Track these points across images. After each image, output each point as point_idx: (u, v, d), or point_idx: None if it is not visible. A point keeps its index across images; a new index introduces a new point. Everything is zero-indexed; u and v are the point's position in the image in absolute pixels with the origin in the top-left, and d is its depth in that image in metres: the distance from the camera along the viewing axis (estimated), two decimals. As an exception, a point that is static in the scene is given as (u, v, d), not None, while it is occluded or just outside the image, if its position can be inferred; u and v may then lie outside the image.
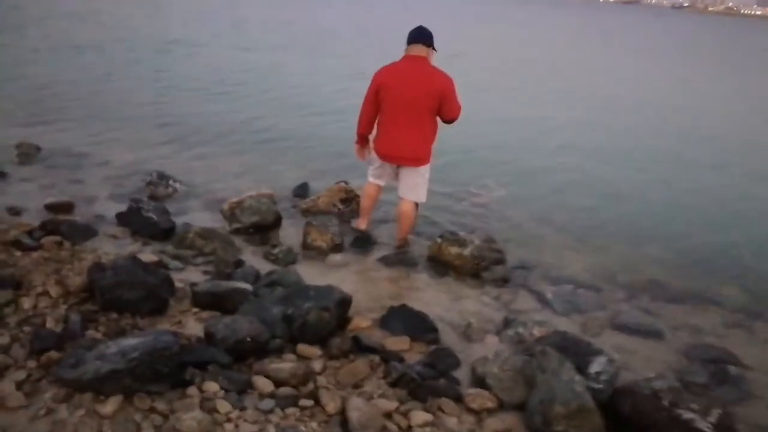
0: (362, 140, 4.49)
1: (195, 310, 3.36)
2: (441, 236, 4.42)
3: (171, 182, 5.26)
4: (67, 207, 4.64)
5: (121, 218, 4.43)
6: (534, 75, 16.45)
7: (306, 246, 4.41)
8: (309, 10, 29.96)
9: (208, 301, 3.39)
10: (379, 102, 4.18)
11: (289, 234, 4.60)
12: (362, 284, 4.00)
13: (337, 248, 4.39)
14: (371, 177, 4.54)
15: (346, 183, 5.29)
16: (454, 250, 4.32)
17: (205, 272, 3.87)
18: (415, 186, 4.40)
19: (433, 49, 4.19)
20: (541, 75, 16.60)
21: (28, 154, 5.76)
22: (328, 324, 3.14)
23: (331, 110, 9.07)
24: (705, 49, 36.21)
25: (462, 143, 8.19)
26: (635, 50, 28.79)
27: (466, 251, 4.30)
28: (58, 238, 4.03)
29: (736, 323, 4.02)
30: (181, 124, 7.64)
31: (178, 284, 3.56)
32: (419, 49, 4.15)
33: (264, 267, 4.01)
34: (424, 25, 4.23)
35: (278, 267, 4.05)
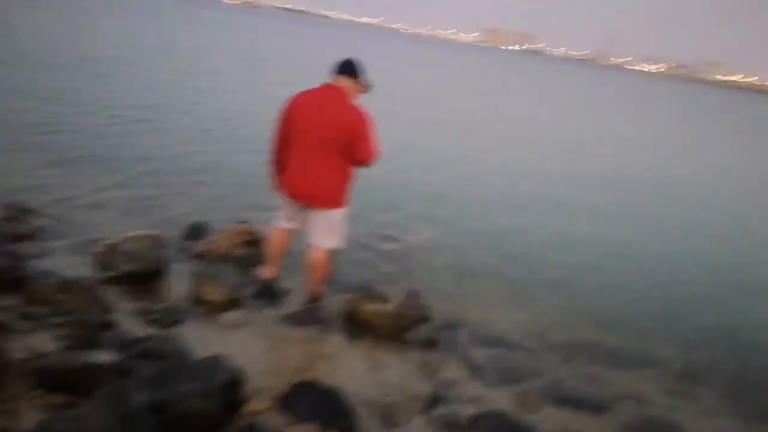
0: (271, 171, 3.85)
1: (40, 392, 2.55)
2: (358, 290, 3.83)
3: (34, 218, 4.32)
4: None
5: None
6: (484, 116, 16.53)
7: (196, 300, 3.66)
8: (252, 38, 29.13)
9: (55, 380, 2.59)
10: (288, 135, 3.59)
11: (177, 285, 3.82)
12: (262, 351, 3.32)
13: (234, 303, 3.67)
14: (278, 220, 3.89)
15: (247, 224, 4.59)
16: (373, 307, 3.74)
17: (61, 338, 3.02)
18: (326, 231, 3.78)
19: (361, 83, 3.66)
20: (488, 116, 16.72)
21: None
22: (212, 413, 2.43)
23: (247, 139, 8.31)
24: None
25: (386, 178, 7.79)
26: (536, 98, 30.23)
27: (388, 309, 3.73)
28: None
29: (680, 390, 3.70)
30: (68, 150, 6.58)
31: (20, 355, 2.72)
32: (340, 80, 3.60)
33: (140, 329, 3.23)
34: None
35: (158, 329, 3.28)
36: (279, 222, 3.87)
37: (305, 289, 4.01)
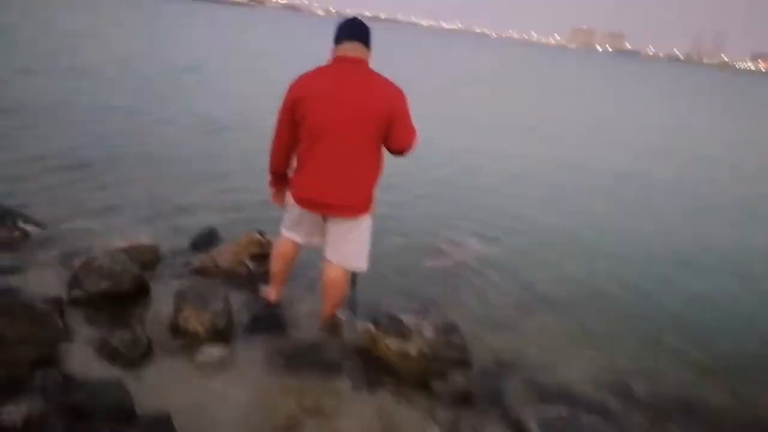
0: (278, 180, 3.05)
1: None
2: (376, 322, 2.98)
3: (19, 223, 3.82)
4: None
5: None
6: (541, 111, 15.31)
7: (174, 330, 2.95)
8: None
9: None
10: (297, 125, 2.76)
11: (157, 310, 3.14)
12: (243, 403, 2.54)
13: (218, 335, 2.92)
14: (286, 230, 3.10)
15: (261, 233, 3.86)
16: (394, 344, 2.88)
17: (-17, 378, 2.39)
18: (351, 245, 2.96)
19: (369, 51, 2.82)
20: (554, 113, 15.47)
21: None
22: None
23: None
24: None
25: (432, 175, 6.90)
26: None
27: (412, 348, 2.85)
28: None
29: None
30: (82, 150, 6.18)
31: None
32: (357, 49, 2.74)
33: (87, 369, 2.56)
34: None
35: (115, 367, 2.60)
36: (287, 231, 3.09)
37: (316, 316, 3.22)
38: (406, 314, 3.01)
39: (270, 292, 3.36)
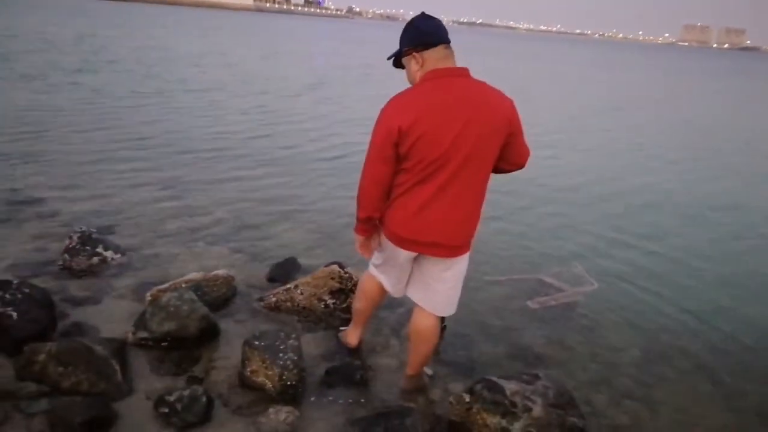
0: (368, 226, 2.43)
1: None
2: (472, 391, 2.46)
3: (99, 248, 3.68)
4: None
5: (-23, 310, 2.86)
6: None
7: (242, 382, 2.61)
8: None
9: None
10: (399, 158, 2.23)
11: (226, 356, 2.82)
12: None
13: (288, 392, 2.54)
14: (375, 268, 2.64)
15: (341, 266, 3.47)
16: (494, 421, 2.35)
17: (30, 438, 2.16)
18: (447, 289, 2.49)
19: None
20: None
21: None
22: None
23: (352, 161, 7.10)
24: None
25: (534, 197, 6.21)
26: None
27: (517, 428, 2.31)
28: None
29: None
30: (168, 169, 6.09)
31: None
32: (453, 55, 2.28)
33: (145, 429, 2.27)
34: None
35: (171, 430, 2.29)
36: (378, 271, 2.61)
37: (400, 370, 2.78)
38: (509, 381, 2.46)
39: (350, 336, 2.96)
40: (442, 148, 2.16)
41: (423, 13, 2.32)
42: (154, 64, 15.25)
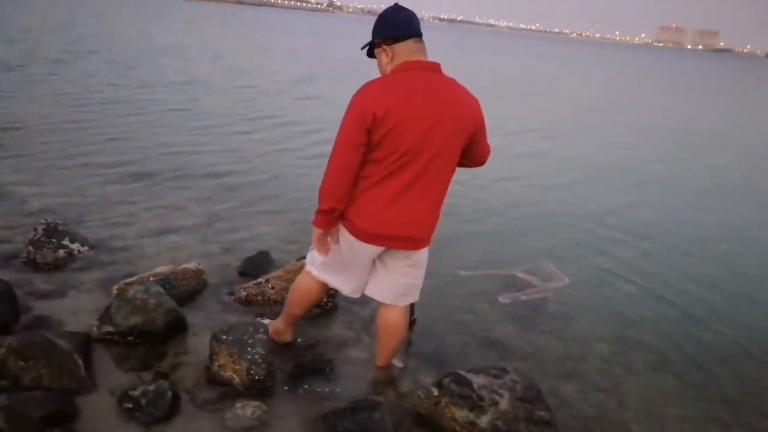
0: (330, 218, 2.31)
1: None
2: (440, 384, 2.47)
3: (65, 241, 3.60)
4: None
5: (-66, 304, 2.78)
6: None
7: (210, 376, 2.57)
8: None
9: None
10: (370, 147, 2.18)
11: (194, 350, 2.78)
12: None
13: (256, 387, 2.51)
14: (325, 272, 2.53)
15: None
16: (461, 415, 2.36)
17: (-14, 435, 2.10)
18: (412, 281, 2.52)
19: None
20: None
21: None
22: None
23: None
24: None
25: (501, 191, 6.25)
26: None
27: (483, 421, 2.32)
28: None
29: None
30: (139, 163, 5.93)
31: None
32: (425, 48, 2.27)
33: (106, 426, 2.22)
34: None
35: (135, 425, 2.25)
36: (315, 273, 2.54)
37: (369, 363, 2.78)
38: (477, 375, 2.47)
39: (284, 333, 2.85)
40: (414, 140, 2.14)
41: (396, 5, 2.30)
42: (136, 56, 14.95)
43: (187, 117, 8.58)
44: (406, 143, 2.14)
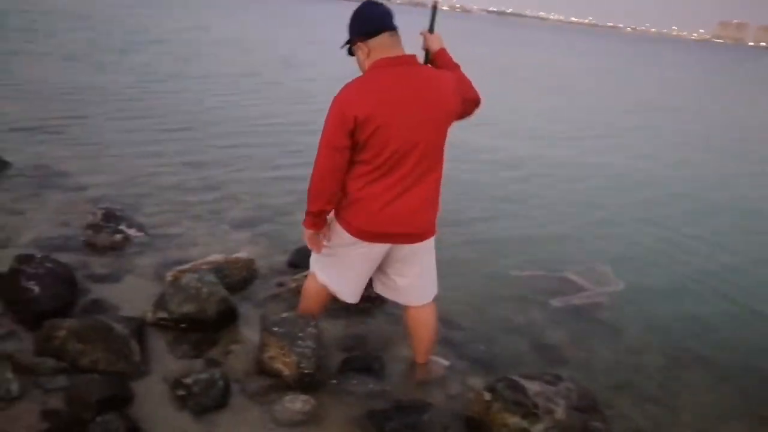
0: (320, 220, 2.34)
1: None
2: (492, 389, 2.40)
3: (122, 226, 3.69)
4: (-51, 254, 3.19)
5: (0, 284, 2.89)
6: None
7: (260, 367, 2.58)
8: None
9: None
10: (354, 149, 2.19)
11: (244, 340, 2.81)
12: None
13: (304, 381, 2.51)
14: (329, 280, 2.52)
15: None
16: (514, 421, 2.29)
17: (47, 414, 2.16)
18: (430, 274, 2.56)
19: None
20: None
21: (-19, 168, 4.51)
22: None
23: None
24: None
25: (563, 196, 6.08)
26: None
27: (538, 429, 2.25)
28: None
29: None
30: (194, 152, 6.06)
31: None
32: (398, 42, 2.25)
33: (159, 411, 2.26)
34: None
35: (186, 413, 2.28)
36: (336, 276, 2.50)
37: (413, 353, 2.75)
38: (532, 381, 2.40)
39: None
40: (401, 138, 2.15)
41: (368, 1, 2.26)
42: (194, 47, 15.27)
43: (244, 109, 8.68)
44: (393, 142, 2.15)
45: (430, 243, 2.44)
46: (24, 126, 6.07)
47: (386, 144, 2.14)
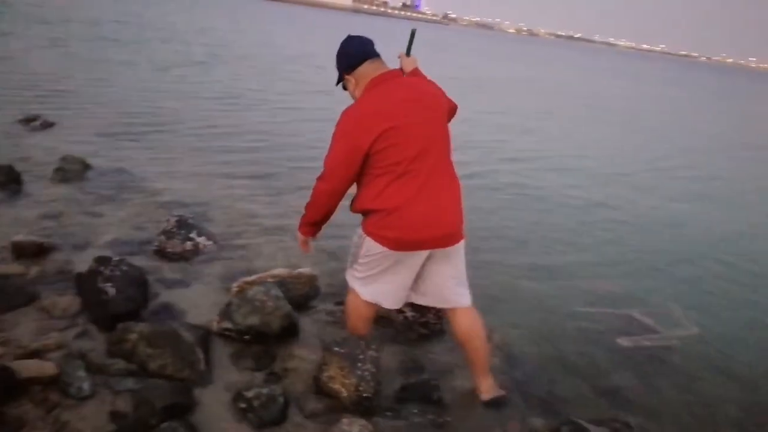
0: (314, 228, 2.62)
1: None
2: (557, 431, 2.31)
3: (194, 235, 3.81)
4: (35, 250, 3.38)
5: (79, 284, 3.03)
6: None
7: (318, 386, 2.58)
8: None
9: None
10: (377, 159, 2.29)
11: (304, 357, 2.81)
12: None
13: (362, 405, 2.49)
14: (372, 294, 2.54)
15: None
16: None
17: (115, 416, 2.23)
18: (464, 275, 2.61)
19: None
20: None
21: (67, 169, 4.77)
22: None
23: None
24: None
25: (622, 230, 5.84)
26: None
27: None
28: (-36, 301, 2.74)
29: None
30: (263, 163, 6.22)
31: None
32: (382, 64, 2.45)
33: (220, 424, 2.29)
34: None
35: (245, 425, 2.30)
36: (367, 297, 2.54)
37: (472, 374, 2.70)
38: (598, 427, 2.29)
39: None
40: (415, 141, 2.26)
41: (347, 36, 2.47)
42: (271, 61, 15.80)
43: (313, 125, 8.77)
44: (409, 145, 2.26)
45: (461, 246, 2.50)
46: (108, 131, 6.42)
47: (404, 149, 2.26)
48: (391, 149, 2.25)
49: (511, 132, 10.94)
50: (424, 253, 2.41)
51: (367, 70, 2.39)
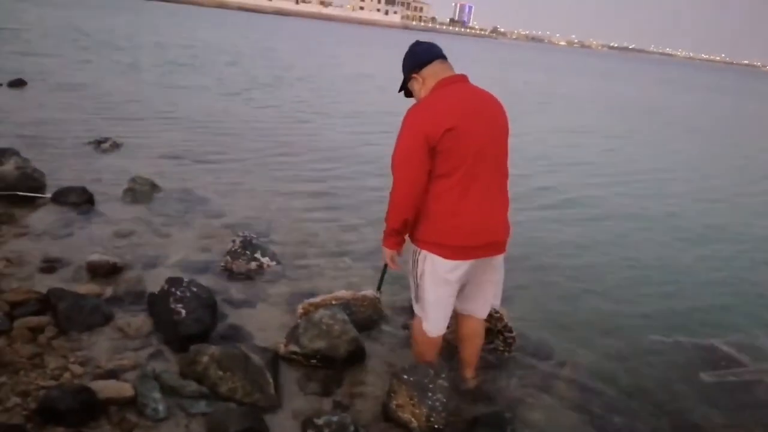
0: (400, 238, 2.47)
1: None
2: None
3: (258, 255, 3.85)
4: (109, 269, 3.49)
5: (151, 304, 3.10)
6: None
7: (387, 414, 2.53)
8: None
9: None
10: (438, 163, 2.27)
11: (371, 383, 2.77)
12: None
13: (433, 436, 2.42)
14: (434, 316, 2.52)
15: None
16: None
17: (185, 440, 2.24)
18: (501, 282, 2.65)
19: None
20: None
21: (137, 190, 4.94)
22: None
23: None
24: None
25: (716, 253, 5.51)
26: None
27: None
28: (46, 320, 2.84)
29: None
30: (322, 181, 6.26)
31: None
32: (449, 66, 2.43)
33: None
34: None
35: (316, 454, 2.26)
36: (436, 308, 2.50)
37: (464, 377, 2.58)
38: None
39: None
40: (476, 148, 2.25)
41: (416, 41, 2.48)
42: (332, 82, 16.01)
43: (380, 148, 8.66)
44: (472, 150, 2.25)
45: (502, 257, 2.55)
46: (174, 153, 6.61)
47: (466, 152, 2.24)
48: (455, 149, 2.24)
49: (610, 154, 10.55)
50: (470, 266, 2.41)
51: (435, 70, 2.38)
